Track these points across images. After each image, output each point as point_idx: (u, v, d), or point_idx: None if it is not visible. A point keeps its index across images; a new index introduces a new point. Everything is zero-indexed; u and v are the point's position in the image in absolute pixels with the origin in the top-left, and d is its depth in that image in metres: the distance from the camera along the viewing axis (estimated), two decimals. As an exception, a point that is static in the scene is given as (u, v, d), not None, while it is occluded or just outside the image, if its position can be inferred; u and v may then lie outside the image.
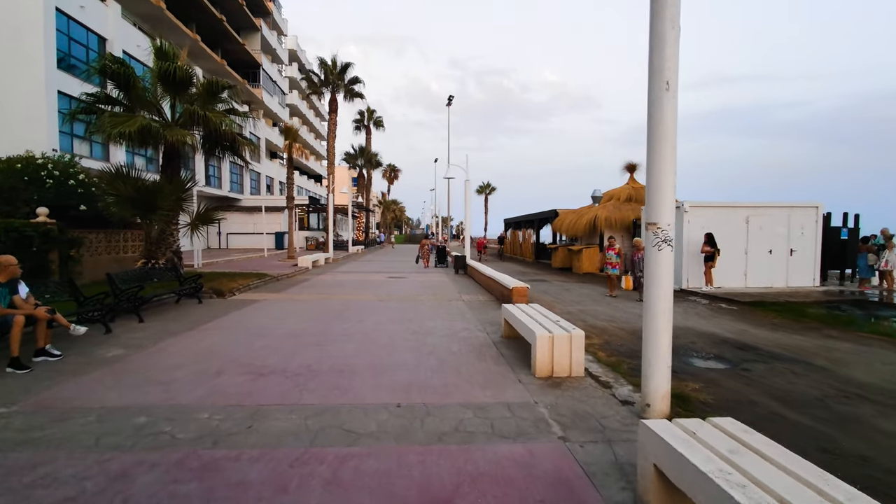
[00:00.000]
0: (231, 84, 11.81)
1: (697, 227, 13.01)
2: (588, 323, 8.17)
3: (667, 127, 3.68)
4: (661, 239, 3.75)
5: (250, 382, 4.72)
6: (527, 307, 6.79)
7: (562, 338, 5.02)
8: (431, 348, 6.22)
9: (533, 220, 29.14)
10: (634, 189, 20.33)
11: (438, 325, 7.76)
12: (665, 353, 3.76)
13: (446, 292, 12.14)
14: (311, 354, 5.82)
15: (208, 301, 10.11)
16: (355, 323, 7.87)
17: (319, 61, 27.90)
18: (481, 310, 9.43)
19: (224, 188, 33.22)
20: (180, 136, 10.40)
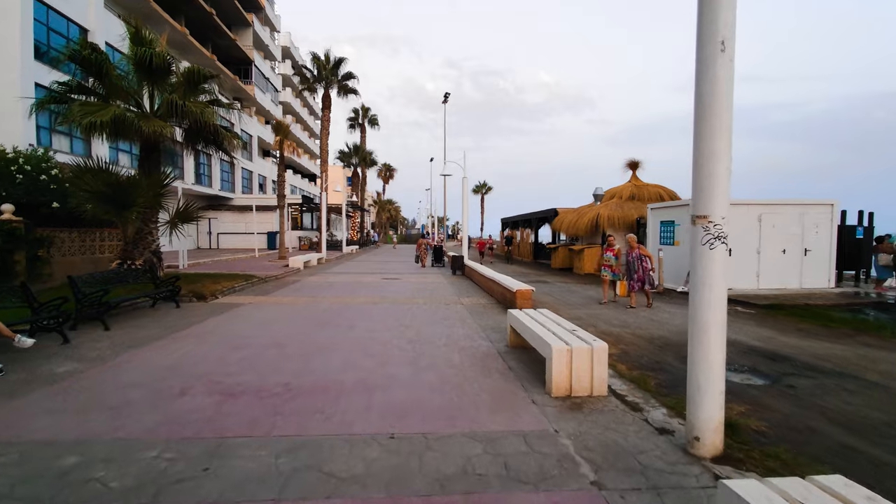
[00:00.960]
0: (213, 73, 11.05)
1: (708, 226, 12.36)
2: (600, 329, 7.50)
3: (720, 97, 3.00)
4: (714, 235, 3.08)
5: (217, 406, 3.99)
6: (535, 313, 6.10)
7: (582, 351, 4.33)
8: (430, 360, 5.51)
9: (531, 220, 28.49)
10: (637, 187, 19.72)
11: (437, 333, 7.05)
12: (718, 376, 3.08)
13: (444, 295, 11.44)
14: (293, 369, 5.10)
15: (187, 305, 9.36)
16: (345, 330, 7.15)
17: (312, 56, 27.12)
18: (482, 314, 8.74)
19: (214, 186, 32.37)
20: (157, 127, 9.63)
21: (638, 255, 9.86)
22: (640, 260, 9.82)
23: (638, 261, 9.84)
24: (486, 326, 7.58)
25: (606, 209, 18.34)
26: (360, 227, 47.68)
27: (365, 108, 45.15)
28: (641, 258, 9.82)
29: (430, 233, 36.64)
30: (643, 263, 9.81)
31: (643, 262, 9.81)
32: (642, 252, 9.88)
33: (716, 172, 3.05)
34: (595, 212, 18.64)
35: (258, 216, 32.23)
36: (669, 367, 5.45)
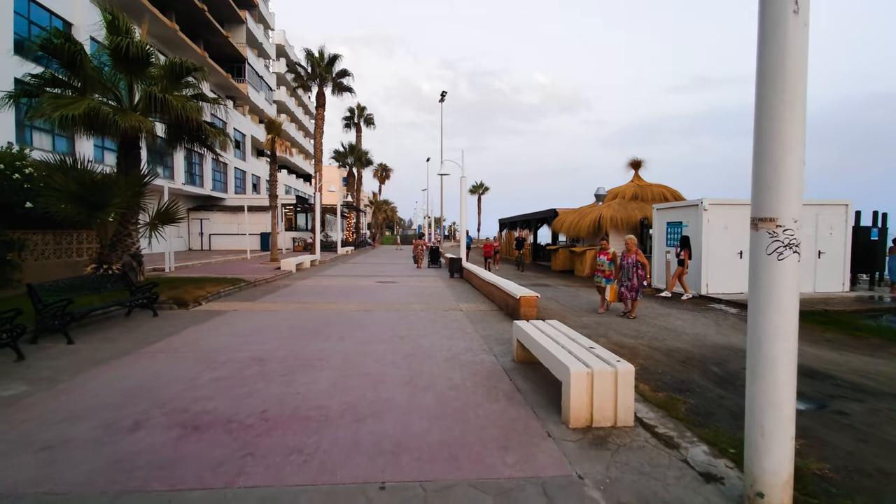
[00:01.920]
0: (198, 66, 10.40)
1: (718, 227, 11.82)
2: (612, 340, 6.90)
3: (793, 70, 2.40)
4: (784, 243, 2.48)
5: (175, 444, 3.36)
6: (544, 325, 5.50)
7: (604, 375, 3.73)
8: (428, 380, 4.90)
9: (530, 220, 27.94)
10: (640, 187, 19.17)
11: (436, 345, 6.44)
12: (788, 418, 2.48)
13: (442, 300, 10.82)
14: (273, 391, 4.47)
15: (167, 313, 8.70)
16: (335, 342, 6.52)
17: (306, 53, 26.47)
18: (484, 322, 8.13)
19: (206, 187, 31.65)
20: (135, 122, 9.00)
21: (634, 262, 8.79)
22: (636, 267, 8.77)
23: (633, 268, 8.78)
24: (489, 337, 6.98)
25: (609, 210, 17.78)
26: (355, 227, 46.99)
27: (360, 107, 44.51)
28: (638, 265, 8.76)
29: (425, 234, 36.02)
30: (638, 271, 8.76)
31: (639, 270, 8.76)
32: (640, 258, 8.79)
33: (785, 163, 2.45)
34: (597, 212, 18.07)
35: (252, 217, 31.55)
36: (696, 386, 4.86)
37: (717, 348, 6.44)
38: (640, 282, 8.72)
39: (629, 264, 8.84)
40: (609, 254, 9.45)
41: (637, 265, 8.78)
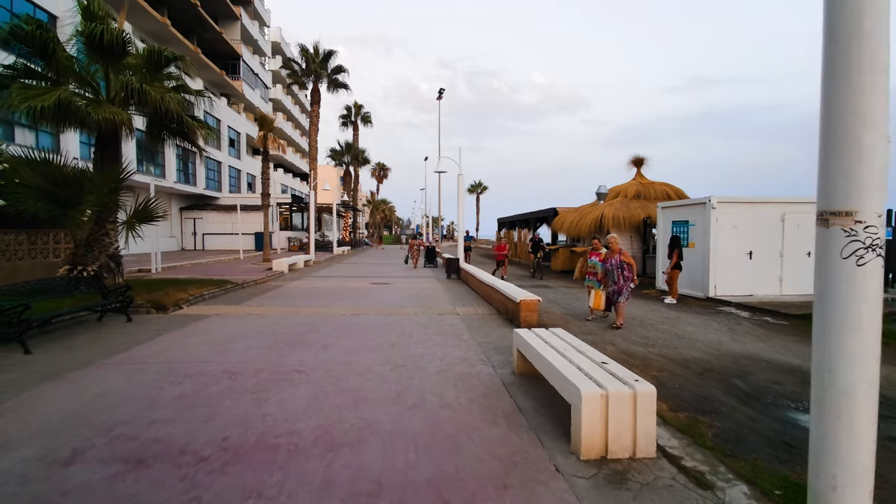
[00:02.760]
0: (178, 55, 9.83)
1: (727, 227, 11.29)
2: (620, 348, 6.36)
3: (872, 31, 1.86)
4: (865, 244, 1.94)
5: (110, 484, 2.81)
6: (547, 334, 4.96)
7: (621, 398, 3.19)
8: (418, 396, 4.36)
9: (529, 220, 27.42)
10: (643, 185, 18.64)
11: (428, 354, 5.89)
12: (868, 468, 1.94)
13: (438, 303, 10.28)
14: (240, 412, 3.92)
15: (143, 318, 8.14)
16: (318, 352, 5.97)
17: (300, 48, 25.88)
18: (482, 328, 7.59)
19: (199, 185, 31.05)
20: (109, 113, 8.42)
21: (619, 262, 7.99)
22: (621, 268, 7.95)
23: (618, 269, 7.96)
24: (487, 345, 6.43)
25: (611, 208, 17.25)
26: (352, 227, 46.39)
27: (357, 105, 43.95)
28: (623, 265, 7.96)
29: (423, 233, 35.50)
30: (624, 272, 7.94)
31: (624, 271, 7.94)
32: (624, 258, 7.99)
33: (864, 142, 1.91)
34: (599, 211, 17.54)
35: (246, 216, 31.00)
36: (720, 405, 4.31)
37: (736, 358, 5.90)
38: (627, 283, 7.88)
39: (613, 266, 8.02)
40: (601, 254, 8.46)
41: (622, 266, 7.97)
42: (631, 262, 7.95)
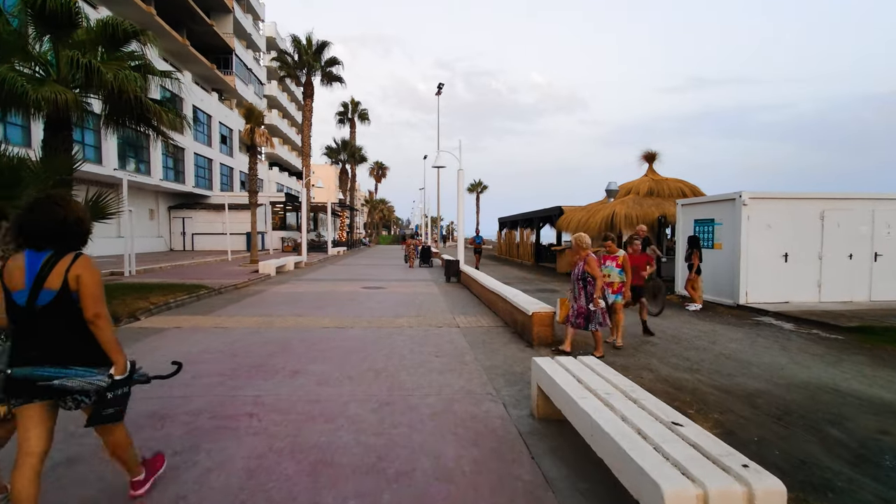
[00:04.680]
0: (140, 29, 8.59)
1: (760, 225, 10.07)
2: (660, 375, 5.13)
3: None
4: None
5: None
6: (578, 366, 3.74)
7: (730, 498, 1.96)
8: (405, 458, 3.13)
9: (532, 219, 26.22)
10: (655, 181, 17.45)
11: (422, 385, 4.67)
12: None
13: (435, 312, 9.05)
14: (143, 492, 2.69)
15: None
16: (283, 382, 4.74)
17: (292, 39, 24.64)
18: (487, 345, 6.37)
19: (188, 183, 29.76)
20: (50, 93, 7.20)
21: (580, 273, 5.91)
22: (583, 281, 5.88)
23: (578, 282, 5.93)
24: (495, 371, 5.21)
25: (623, 206, 16.04)
26: (349, 227, 45.16)
27: (354, 101, 42.74)
28: (586, 277, 5.86)
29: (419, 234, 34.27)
30: (587, 287, 5.84)
31: (587, 286, 5.84)
32: (588, 269, 5.81)
33: None
34: (610, 209, 16.33)
35: (238, 215, 29.72)
36: (832, 473, 3.08)
37: (811, 390, 4.68)
38: (589, 302, 5.79)
39: (577, 275, 6.00)
40: (619, 258, 6.52)
41: (584, 277, 5.88)
42: (597, 275, 5.79)
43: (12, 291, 2.11)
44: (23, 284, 2.09)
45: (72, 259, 2.15)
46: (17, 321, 2.13)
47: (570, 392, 3.11)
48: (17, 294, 2.10)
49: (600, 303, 5.79)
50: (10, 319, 2.14)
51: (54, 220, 2.15)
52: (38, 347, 2.12)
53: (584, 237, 6.04)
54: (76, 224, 2.22)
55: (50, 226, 2.15)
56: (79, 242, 2.26)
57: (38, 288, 2.09)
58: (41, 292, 2.09)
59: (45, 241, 2.15)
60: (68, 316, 2.15)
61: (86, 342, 2.20)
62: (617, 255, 6.56)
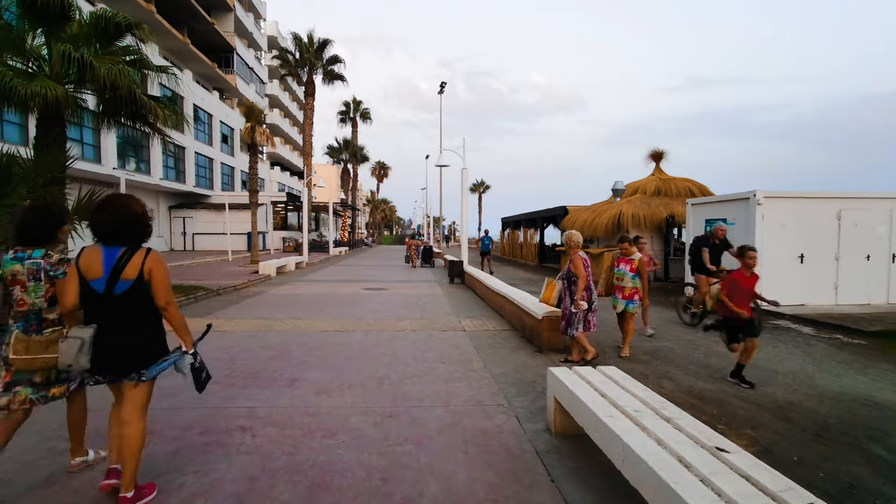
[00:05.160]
0: (134, 23, 8.31)
1: (774, 225, 9.75)
2: (681, 385, 4.83)
3: None
4: None
5: None
6: (600, 378, 3.45)
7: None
8: (412, 483, 2.84)
9: (535, 219, 25.90)
10: (662, 181, 17.11)
11: (428, 394, 4.37)
12: None
13: (439, 314, 8.76)
14: (120, 522, 2.40)
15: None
16: (280, 391, 4.45)
17: (293, 36, 24.37)
18: (494, 350, 6.07)
19: (189, 183, 29.51)
20: (40, 88, 6.93)
21: (566, 273, 5.60)
22: (568, 281, 5.56)
23: (563, 280, 5.65)
24: (504, 378, 4.91)
25: (630, 206, 15.71)
26: (351, 227, 44.90)
27: (356, 100, 42.45)
28: (570, 278, 5.52)
29: (422, 234, 33.97)
30: (572, 287, 5.50)
31: (572, 286, 5.50)
32: (574, 269, 5.45)
33: None
34: (616, 209, 16.00)
35: (239, 215, 29.45)
36: (883, 497, 2.78)
37: (847, 402, 4.36)
38: (576, 304, 5.36)
39: (562, 276, 5.73)
40: (634, 261, 6.00)
41: (569, 277, 5.54)
42: (581, 275, 5.36)
43: (89, 280, 2.36)
44: (100, 274, 2.36)
45: (145, 254, 2.45)
46: (92, 306, 2.40)
47: (594, 409, 2.81)
48: (94, 282, 2.36)
49: (582, 304, 5.40)
50: (83, 304, 2.40)
51: (118, 219, 2.41)
52: (112, 330, 2.38)
53: (573, 235, 5.66)
54: (135, 222, 2.45)
55: (114, 224, 2.40)
56: (142, 237, 2.51)
57: (115, 278, 2.37)
58: (118, 282, 2.37)
59: (113, 238, 2.42)
60: (140, 303, 2.44)
61: (153, 327, 2.52)
62: (632, 257, 6.11)
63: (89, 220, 2.47)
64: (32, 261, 2.57)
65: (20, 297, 2.55)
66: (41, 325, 2.60)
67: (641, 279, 6.10)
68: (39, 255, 2.60)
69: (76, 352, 2.27)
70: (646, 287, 6.20)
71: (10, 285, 2.55)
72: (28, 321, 2.58)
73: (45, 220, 2.70)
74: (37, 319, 2.59)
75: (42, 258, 2.60)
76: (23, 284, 2.55)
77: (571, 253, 5.55)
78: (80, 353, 2.28)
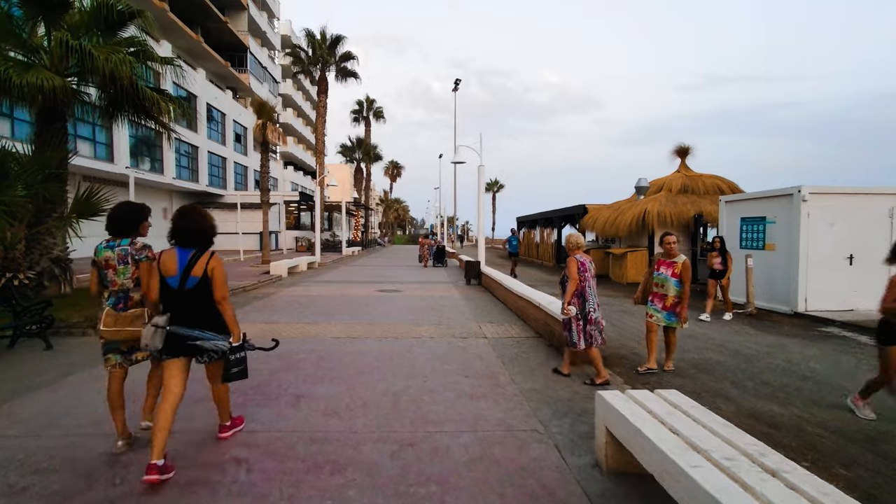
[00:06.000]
0: (136, 10, 7.90)
1: (821, 223, 8.99)
2: (743, 407, 4.18)
3: None
4: None
5: None
6: (660, 405, 2.85)
7: None
8: (437, 542, 2.27)
9: (552, 218, 25.17)
10: (689, 177, 16.32)
11: (451, 416, 3.81)
12: None
13: (458, 319, 8.19)
14: None
15: (75, 342, 6.22)
16: (282, 411, 3.92)
17: (306, 33, 24.00)
18: (522, 362, 5.48)
19: (201, 182, 29.35)
20: (37, 79, 6.53)
21: (563, 275, 5.04)
22: (563, 284, 5.02)
23: (560, 285, 5.19)
24: (537, 396, 4.32)
25: (655, 204, 14.95)
26: (364, 226, 44.56)
27: (370, 99, 42.06)
28: (564, 283, 4.97)
29: (436, 233, 33.37)
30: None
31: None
32: (567, 269, 4.84)
33: None
34: (641, 207, 15.26)
35: (251, 215, 29.21)
36: None
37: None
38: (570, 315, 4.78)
39: (560, 280, 5.17)
40: (676, 264, 5.09)
41: (563, 283, 5.03)
42: (571, 277, 4.75)
43: (166, 277, 2.88)
44: (175, 272, 2.87)
45: (209, 255, 2.96)
46: (169, 298, 2.91)
47: (670, 453, 2.21)
48: (170, 279, 2.88)
49: (570, 310, 4.77)
50: (162, 297, 2.93)
51: (196, 227, 2.96)
52: (185, 320, 2.87)
53: (574, 237, 5.06)
54: (209, 231, 3.01)
55: (194, 231, 2.95)
56: (209, 242, 3.03)
57: (187, 275, 2.87)
58: (189, 278, 2.87)
59: (189, 242, 2.94)
60: (205, 295, 2.93)
61: (215, 314, 2.99)
62: (675, 260, 5.15)
63: (172, 225, 2.97)
64: (122, 247, 3.16)
65: (112, 278, 3.13)
66: (127, 303, 3.18)
67: (686, 286, 5.11)
68: (126, 242, 3.19)
69: (152, 335, 2.83)
70: (686, 294, 5.12)
71: (104, 268, 3.14)
72: (118, 298, 3.16)
73: (130, 216, 3.31)
74: (125, 297, 3.17)
75: (129, 245, 3.17)
76: (114, 268, 3.13)
77: (570, 255, 4.92)
78: (156, 336, 2.83)
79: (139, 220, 3.34)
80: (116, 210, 3.33)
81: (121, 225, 3.24)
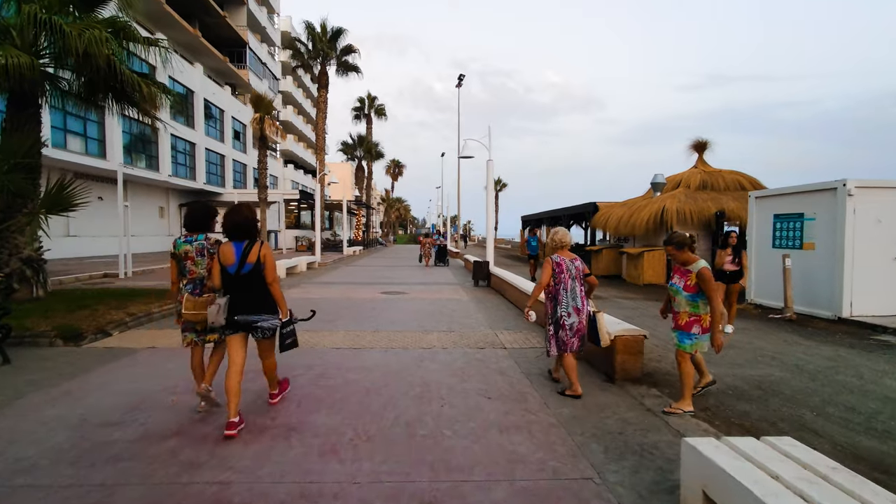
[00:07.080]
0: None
1: (868, 220, 8.20)
2: (828, 438, 3.41)
3: None
4: None
5: None
6: (799, 474, 2.04)
7: None
8: None
9: (560, 217, 24.38)
10: (708, 173, 15.53)
11: (480, 459, 3.03)
12: None
13: (471, 325, 7.42)
14: None
15: (42, 353, 5.47)
16: (272, 446, 3.14)
17: (306, 25, 23.22)
18: (553, 381, 4.69)
19: (199, 180, 28.59)
20: (2, 57, 5.75)
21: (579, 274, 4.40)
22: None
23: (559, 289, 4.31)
24: (577, 424, 3.54)
25: (674, 201, 14.15)
26: (365, 225, 43.78)
27: (371, 96, 41.27)
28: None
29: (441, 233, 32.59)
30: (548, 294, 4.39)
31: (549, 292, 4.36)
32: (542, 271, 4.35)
33: None
34: (657, 204, 14.46)
35: (249, 213, 28.49)
36: None
37: None
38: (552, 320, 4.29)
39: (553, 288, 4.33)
40: (691, 274, 3.83)
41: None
42: (540, 280, 4.33)
43: (226, 266, 3.41)
44: (233, 261, 3.39)
45: (260, 244, 3.48)
46: (229, 284, 3.45)
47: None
48: (229, 267, 3.40)
49: (530, 315, 4.37)
50: (223, 283, 3.46)
51: (246, 222, 3.50)
52: (243, 300, 3.43)
53: (560, 235, 4.42)
54: (254, 224, 3.55)
55: (244, 226, 3.48)
56: (256, 234, 3.53)
57: (243, 262, 3.40)
58: (245, 265, 3.40)
59: (240, 234, 3.47)
60: (258, 280, 3.46)
61: (267, 295, 3.52)
62: (690, 269, 3.87)
63: (224, 220, 3.47)
64: (198, 242, 3.71)
65: (191, 268, 3.69)
66: (202, 289, 3.71)
67: (711, 303, 3.76)
68: (202, 238, 3.74)
69: (216, 313, 3.35)
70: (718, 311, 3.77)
71: (183, 260, 3.69)
72: (195, 285, 3.70)
73: (204, 214, 3.85)
74: (200, 284, 3.71)
75: (204, 240, 3.73)
76: (192, 259, 3.68)
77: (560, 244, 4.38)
78: (219, 314, 3.36)
79: (210, 217, 3.89)
80: (192, 210, 3.86)
81: (197, 223, 3.80)
